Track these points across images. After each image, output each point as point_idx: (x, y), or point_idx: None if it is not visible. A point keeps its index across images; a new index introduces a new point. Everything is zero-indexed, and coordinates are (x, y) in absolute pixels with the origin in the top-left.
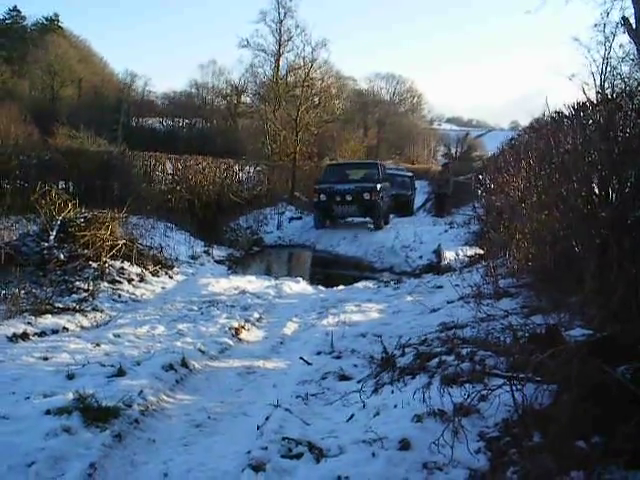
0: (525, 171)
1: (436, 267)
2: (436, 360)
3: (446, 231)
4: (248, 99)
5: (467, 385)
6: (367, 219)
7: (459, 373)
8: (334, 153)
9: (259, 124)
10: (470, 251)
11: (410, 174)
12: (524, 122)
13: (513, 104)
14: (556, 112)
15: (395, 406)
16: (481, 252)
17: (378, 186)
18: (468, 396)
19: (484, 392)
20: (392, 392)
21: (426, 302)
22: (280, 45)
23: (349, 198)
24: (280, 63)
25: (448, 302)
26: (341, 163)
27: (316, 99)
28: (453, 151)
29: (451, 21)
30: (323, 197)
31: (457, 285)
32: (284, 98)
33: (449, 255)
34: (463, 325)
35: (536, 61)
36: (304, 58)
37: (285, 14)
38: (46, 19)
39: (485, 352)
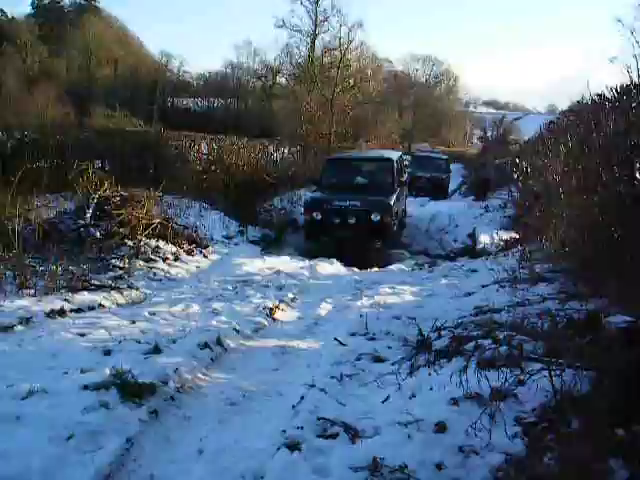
0: (564, 155)
1: (471, 250)
2: (472, 344)
3: (481, 215)
4: (283, 80)
5: (504, 369)
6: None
7: (496, 357)
8: (369, 134)
9: (294, 105)
10: (505, 235)
11: (445, 157)
12: (562, 105)
13: (551, 87)
14: (597, 95)
15: (431, 388)
16: (517, 236)
17: (392, 199)
18: (505, 380)
19: (521, 377)
20: (429, 374)
21: (461, 285)
22: (316, 26)
23: (352, 220)
24: (316, 44)
25: (483, 286)
26: (346, 158)
27: (351, 80)
28: (489, 134)
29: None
30: (317, 215)
31: (492, 269)
32: (319, 79)
33: (484, 239)
34: (498, 309)
35: (575, 43)
36: (340, 39)
37: None
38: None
39: (522, 337)
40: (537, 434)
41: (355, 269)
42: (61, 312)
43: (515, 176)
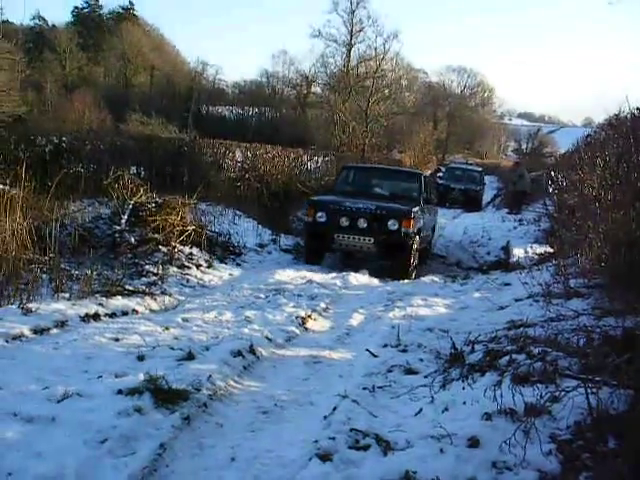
0: (601, 169)
1: (504, 264)
2: (506, 358)
3: (515, 228)
4: (318, 89)
5: (539, 385)
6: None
7: (530, 372)
8: (403, 145)
9: (329, 114)
10: (540, 249)
11: (479, 169)
12: (598, 119)
13: (587, 100)
14: (637, 109)
15: (464, 403)
16: (551, 250)
17: (414, 210)
18: (540, 396)
19: (556, 393)
20: (463, 389)
21: (494, 299)
22: (352, 36)
23: (362, 224)
24: (351, 54)
25: (516, 300)
26: (367, 166)
27: (386, 91)
28: (524, 147)
29: (529, 19)
30: (322, 217)
31: (526, 283)
32: (354, 89)
33: (518, 252)
34: (532, 324)
35: (613, 56)
36: (375, 49)
37: (357, 4)
38: (122, 8)
39: (557, 352)
40: (572, 452)
41: (387, 279)
42: (96, 316)
43: (550, 189)
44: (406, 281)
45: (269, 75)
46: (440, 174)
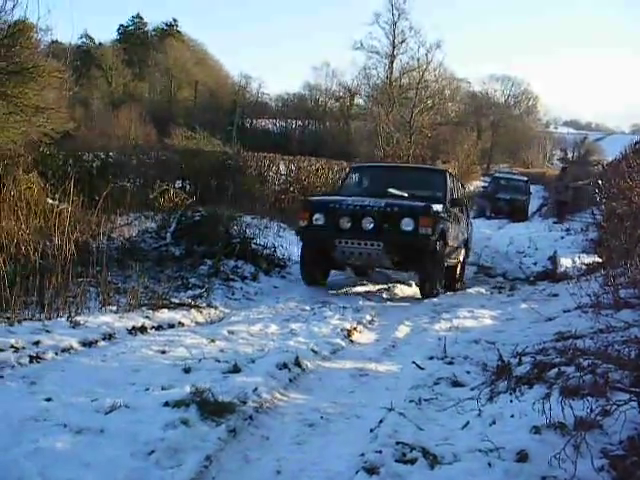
0: None
1: (551, 274)
2: (555, 371)
3: (562, 237)
4: (361, 101)
5: (589, 398)
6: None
7: (580, 385)
8: (447, 156)
9: (372, 126)
10: (588, 259)
11: (525, 178)
12: None
13: (636, 107)
14: None
15: (512, 416)
16: (600, 260)
17: (435, 208)
18: (591, 410)
19: (608, 407)
20: (510, 401)
21: (541, 310)
22: (394, 47)
23: (368, 225)
24: (394, 65)
25: (564, 311)
26: (377, 166)
27: (430, 101)
28: (570, 155)
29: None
30: (319, 219)
31: (574, 294)
32: (398, 100)
33: (565, 262)
34: (581, 335)
35: None
36: (418, 60)
37: (399, 15)
38: (166, 24)
39: (607, 365)
40: (626, 468)
41: (440, 291)
42: (142, 329)
43: (598, 198)
44: (450, 293)
45: (312, 88)
46: (484, 184)
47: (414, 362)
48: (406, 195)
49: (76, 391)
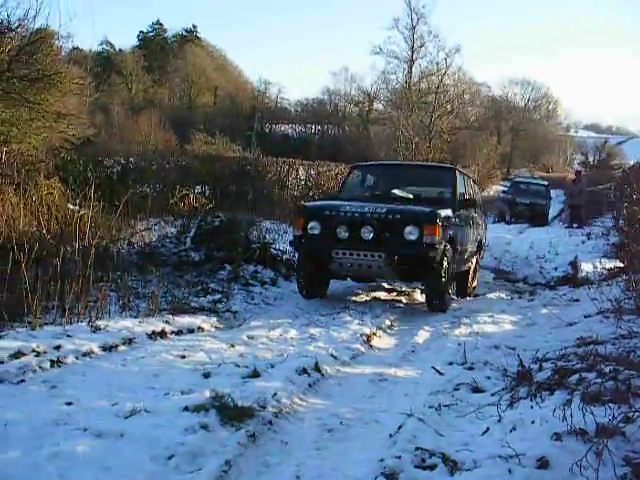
0: None
1: (572, 279)
2: (576, 377)
3: (583, 242)
4: (380, 106)
5: (611, 405)
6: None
7: (602, 392)
8: (467, 160)
9: (391, 131)
10: (609, 263)
11: (545, 183)
12: None
13: None
14: None
15: (532, 422)
16: (621, 265)
17: (442, 214)
18: (613, 417)
19: (630, 414)
20: (531, 407)
21: (562, 315)
22: (413, 51)
23: (368, 235)
24: (413, 69)
25: (586, 316)
26: (380, 164)
27: (449, 106)
28: (591, 159)
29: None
30: (314, 227)
31: (595, 299)
32: (417, 105)
33: (586, 267)
34: (603, 341)
35: None
36: (437, 64)
37: (418, 20)
38: (185, 30)
39: (630, 371)
40: None
41: (452, 296)
42: (162, 334)
43: (620, 202)
44: (470, 298)
45: (331, 93)
46: (504, 189)
47: (434, 367)
48: (411, 197)
49: (96, 395)
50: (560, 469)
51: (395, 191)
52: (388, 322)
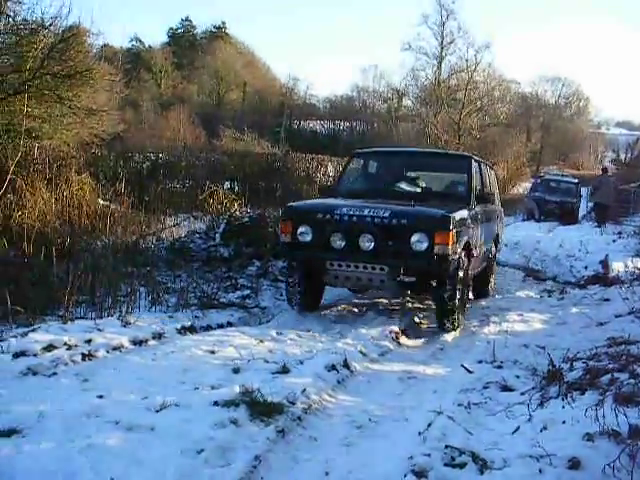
0: None
1: (603, 278)
2: (607, 377)
3: (614, 241)
4: (409, 102)
5: None
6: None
7: (634, 392)
8: (496, 157)
9: (420, 128)
10: None
11: (575, 181)
12: None
13: None
14: None
15: (563, 422)
16: None
17: (457, 217)
18: None
19: None
20: (563, 407)
21: (592, 315)
22: (442, 48)
23: (367, 244)
24: (442, 66)
25: (617, 316)
26: (385, 152)
27: (479, 103)
28: (622, 157)
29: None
30: (304, 233)
31: (626, 298)
32: (446, 102)
33: (617, 266)
34: (635, 341)
35: None
36: (467, 61)
37: (447, 16)
38: (214, 27)
39: None
40: None
41: (471, 298)
42: (191, 329)
43: None
44: (499, 296)
45: (360, 89)
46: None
47: (463, 365)
48: (419, 191)
49: (127, 389)
50: (592, 470)
51: (401, 185)
52: (417, 320)
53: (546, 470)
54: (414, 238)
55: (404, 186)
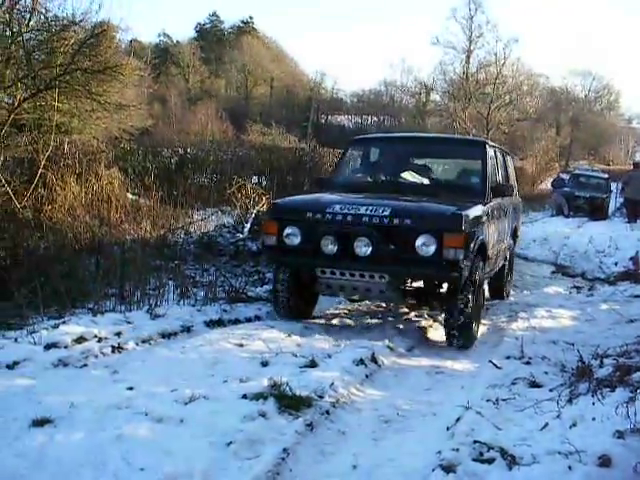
0: None
1: (633, 275)
2: (638, 374)
3: None
4: (437, 97)
5: None
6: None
7: None
8: (524, 152)
9: (448, 122)
10: None
11: (605, 176)
12: None
13: None
14: None
15: (593, 419)
16: None
17: (470, 215)
18: None
19: None
20: (593, 404)
21: (622, 311)
22: (470, 42)
23: (364, 249)
24: (470, 60)
25: None
26: (389, 138)
27: (507, 97)
28: None
29: None
30: (292, 235)
31: None
32: (474, 96)
33: None
34: None
35: None
36: (495, 55)
37: (476, 10)
38: (242, 22)
39: None
40: None
41: (510, 291)
42: (220, 322)
43: None
44: (526, 292)
45: (387, 84)
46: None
47: (491, 361)
48: (426, 183)
49: (156, 381)
50: (623, 468)
51: (405, 175)
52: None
53: (575, 467)
54: (419, 241)
55: (409, 177)
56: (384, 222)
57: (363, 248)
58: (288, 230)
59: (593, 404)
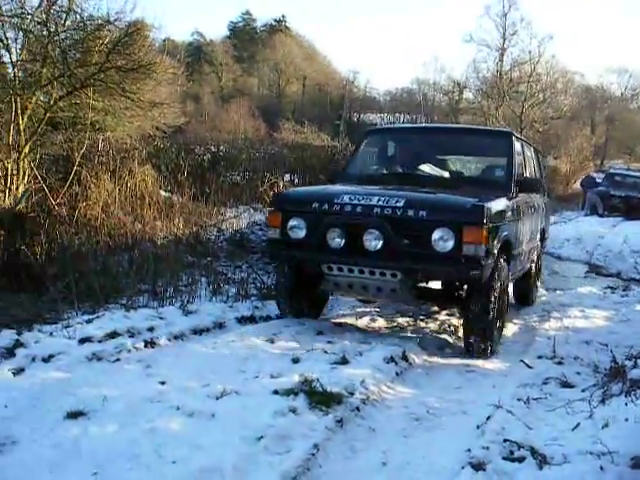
0: None
1: None
2: None
3: None
4: (470, 95)
5: None
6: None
7: None
8: (558, 151)
9: (481, 120)
10: None
11: None
12: None
13: None
14: None
15: (626, 419)
16: None
17: (493, 208)
18: None
19: None
20: (625, 404)
21: None
22: (504, 39)
23: (373, 243)
24: (504, 58)
25: None
26: (405, 128)
27: (541, 95)
28: None
29: None
30: (296, 228)
31: None
32: (508, 94)
33: None
34: None
35: None
36: (530, 52)
37: (510, 7)
38: (274, 20)
39: None
40: None
41: (542, 290)
42: (251, 319)
43: None
44: (559, 292)
45: (420, 82)
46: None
47: (522, 361)
48: (447, 176)
49: (188, 376)
50: None
51: (423, 167)
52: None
53: (607, 468)
54: (436, 235)
55: (428, 170)
56: (397, 213)
57: (373, 242)
58: (293, 222)
59: (626, 405)
